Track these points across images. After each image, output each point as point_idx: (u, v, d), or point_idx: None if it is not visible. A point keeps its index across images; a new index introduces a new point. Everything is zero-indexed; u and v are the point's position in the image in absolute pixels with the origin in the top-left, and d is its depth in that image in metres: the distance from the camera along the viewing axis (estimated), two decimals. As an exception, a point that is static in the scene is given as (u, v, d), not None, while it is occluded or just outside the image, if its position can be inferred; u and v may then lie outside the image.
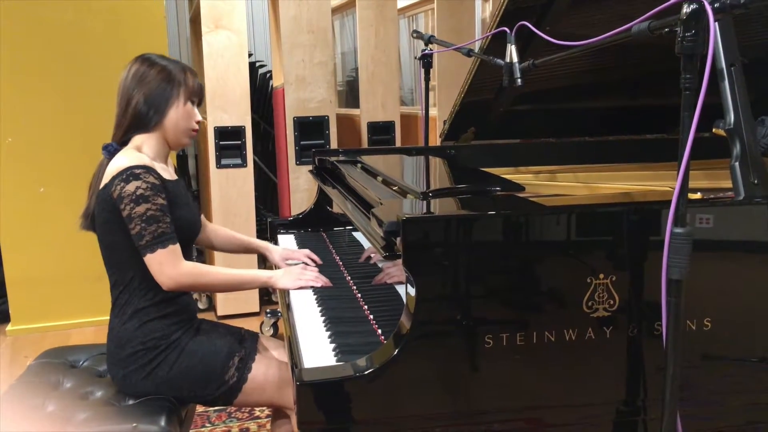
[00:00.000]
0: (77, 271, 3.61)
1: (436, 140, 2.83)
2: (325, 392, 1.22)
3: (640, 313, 1.31)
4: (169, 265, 1.60)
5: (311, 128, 3.78)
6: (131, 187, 1.58)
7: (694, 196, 1.45)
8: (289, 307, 1.68)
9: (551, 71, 2.20)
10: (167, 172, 1.75)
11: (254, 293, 3.80)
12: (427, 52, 2.65)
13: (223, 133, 3.63)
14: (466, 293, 1.26)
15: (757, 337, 1.40)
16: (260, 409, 2.67)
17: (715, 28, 1.08)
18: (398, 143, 4.07)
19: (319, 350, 1.39)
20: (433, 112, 3.88)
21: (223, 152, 3.65)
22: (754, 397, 1.43)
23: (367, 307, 1.62)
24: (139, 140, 1.71)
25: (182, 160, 4.85)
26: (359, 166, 2.21)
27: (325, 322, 1.54)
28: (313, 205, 2.51)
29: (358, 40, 4.00)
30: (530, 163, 2.38)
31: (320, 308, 1.63)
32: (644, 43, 1.14)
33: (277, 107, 3.96)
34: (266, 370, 1.69)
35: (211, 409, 2.67)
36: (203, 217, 1.99)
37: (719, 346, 1.37)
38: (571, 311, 1.28)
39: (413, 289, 1.24)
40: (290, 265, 1.96)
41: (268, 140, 4.76)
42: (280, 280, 1.76)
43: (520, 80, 1.77)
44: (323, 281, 1.77)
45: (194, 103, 1.76)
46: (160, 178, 1.64)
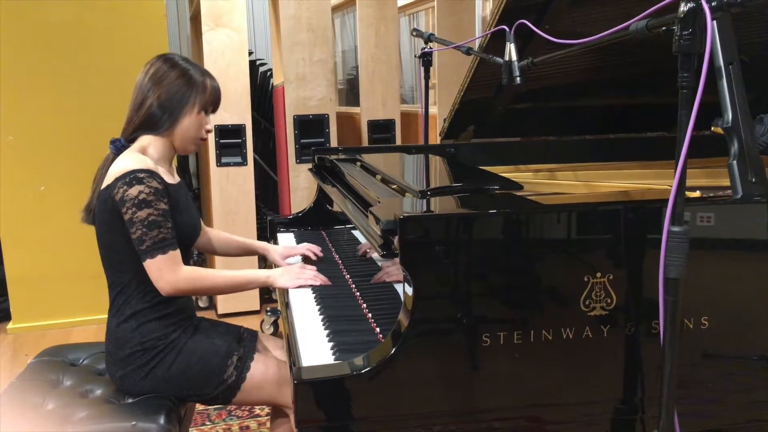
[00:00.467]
0: (78, 269, 3.61)
1: (435, 138, 2.83)
2: (323, 390, 1.22)
3: (637, 311, 1.31)
4: (168, 271, 1.59)
5: (311, 126, 3.78)
6: (134, 191, 1.57)
7: (692, 194, 1.46)
8: (287, 305, 1.68)
9: (551, 69, 2.20)
10: (170, 174, 1.74)
11: (254, 292, 3.80)
12: (427, 50, 2.65)
13: (223, 131, 3.64)
14: (463, 292, 1.26)
15: (755, 335, 1.40)
16: (260, 407, 2.68)
17: (712, 26, 1.08)
18: (398, 141, 4.08)
19: (317, 348, 1.39)
20: (433, 110, 3.89)
21: (223, 150, 3.65)
22: (753, 395, 1.43)
23: (365, 305, 1.62)
24: (146, 140, 1.70)
25: (183, 158, 4.85)
26: (359, 164, 2.21)
27: (323, 320, 1.54)
28: (312, 203, 2.51)
29: (358, 38, 4.00)
30: (529, 161, 2.39)
31: (319, 307, 1.63)
32: (644, 41, 1.13)
33: (277, 105, 3.96)
34: (265, 369, 1.69)
35: (211, 407, 2.68)
36: (202, 222, 1.99)
37: (717, 344, 1.37)
38: (568, 310, 1.28)
39: (411, 287, 1.24)
40: (290, 263, 1.96)
41: (268, 138, 4.76)
42: (278, 279, 1.76)
43: (519, 78, 1.77)
44: (322, 280, 1.77)
45: (208, 112, 1.74)
46: (163, 182, 1.63)
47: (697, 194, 1.47)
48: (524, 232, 1.29)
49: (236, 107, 3.65)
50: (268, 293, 4.00)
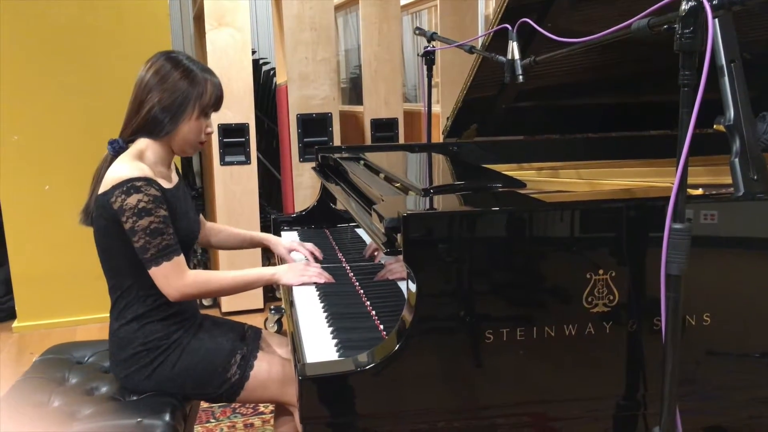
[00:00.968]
0: (83, 268, 3.62)
1: (438, 137, 2.83)
2: (327, 387, 1.23)
3: (639, 308, 1.31)
4: (174, 277, 1.59)
5: (314, 125, 3.79)
6: (133, 200, 1.55)
7: (695, 192, 1.46)
8: (292, 303, 1.69)
9: (553, 68, 2.20)
10: (168, 178, 1.72)
11: (258, 290, 3.81)
12: (429, 49, 2.65)
13: (226, 130, 3.65)
14: (466, 289, 1.27)
15: (756, 332, 1.40)
16: (264, 405, 2.69)
17: (714, 24, 1.09)
18: (401, 140, 4.08)
19: (321, 346, 1.40)
20: (435, 108, 3.89)
21: (226, 149, 3.66)
22: (755, 392, 1.44)
23: (369, 303, 1.63)
24: (143, 144, 1.68)
25: (186, 157, 4.87)
26: (362, 163, 2.22)
27: (327, 318, 1.55)
28: (316, 201, 2.52)
29: (361, 37, 4.01)
30: (532, 159, 2.39)
31: (323, 304, 1.64)
32: (646, 38, 1.14)
33: (280, 104, 3.97)
34: (269, 367, 1.70)
35: (215, 404, 2.69)
36: (202, 216, 1.99)
37: (718, 341, 1.37)
38: (570, 307, 1.29)
39: (414, 284, 1.25)
40: (295, 258, 1.97)
41: (271, 137, 4.78)
42: (283, 276, 1.77)
43: (521, 77, 1.77)
44: (326, 277, 1.77)
45: (209, 114, 1.72)
46: (161, 189, 1.61)
47: (699, 192, 1.48)
48: (527, 229, 1.30)
49: (239, 106, 3.66)
50: (271, 291, 4.02)
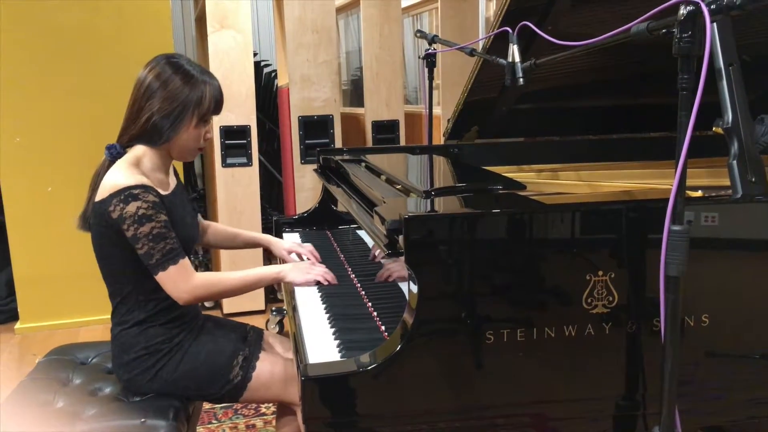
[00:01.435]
0: (85, 269, 3.60)
1: (439, 139, 2.85)
2: (330, 387, 1.24)
3: (638, 309, 1.32)
4: (182, 280, 1.60)
5: (316, 127, 3.80)
6: (132, 207, 1.55)
7: (694, 194, 1.47)
8: (294, 304, 1.70)
9: (554, 70, 2.21)
10: (165, 185, 1.72)
11: (260, 291, 3.83)
12: (430, 51, 2.66)
13: (228, 132, 3.66)
14: (467, 290, 1.28)
15: (755, 333, 1.41)
16: (266, 405, 2.70)
17: (712, 28, 1.10)
18: (402, 142, 4.10)
19: (324, 346, 1.42)
20: (436, 110, 3.91)
21: (228, 151, 3.68)
22: (754, 392, 1.44)
23: (370, 304, 1.64)
24: (141, 150, 1.67)
25: (188, 159, 4.88)
26: (363, 165, 2.23)
27: (329, 318, 1.56)
28: (318, 203, 2.53)
29: (362, 39, 4.02)
30: (533, 161, 2.40)
31: (325, 305, 1.65)
32: (646, 41, 1.15)
33: (282, 106, 3.99)
34: (271, 367, 1.71)
35: (217, 406, 2.70)
36: (200, 217, 1.99)
37: (718, 342, 1.38)
38: (570, 308, 1.30)
39: (415, 286, 1.26)
40: (296, 259, 1.98)
41: (272, 139, 4.79)
42: (288, 274, 1.78)
43: (522, 80, 1.78)
44: (331, 277, 1.79)
45: (209, 120, 1.70)
46: (158, 195, 1.61)
47: (698, 194, 1.49)
48: (527, 231, 1.31)
49: (241, 108, 3.67)
50: (273, 293, 4.03)
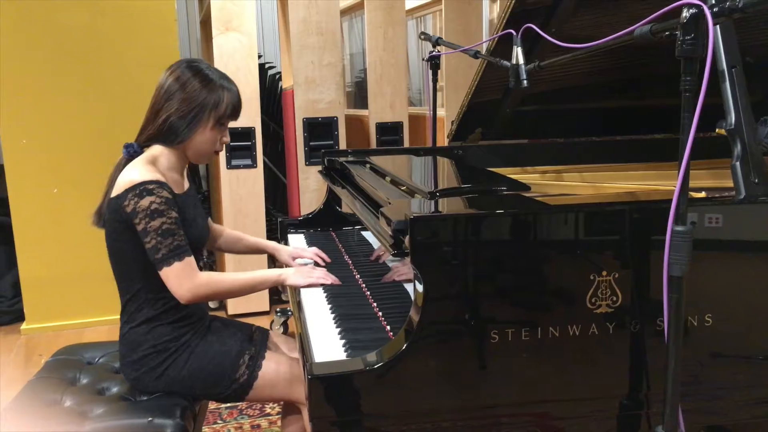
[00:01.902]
0: (91, 270, 3.66)
1: (443, 141, 2.86)
2: (336, 386, 1.25)
3: (642, 309, 1.33)
4: (186, 278, 1.61)
5: (320, 129, 3.81)
6: (145, 202, 1.58)
7: (697, 195, 1.48)
8: (300, 305, 1.72)
9: (558, 72, 2.22)
10: (180, 185, 1.75)
11: (264, 293, 3.84)
12: (434, 53, 2.68)
13: (233, 134, 3.67)
14: (472, 289, 1.29)
15: (758, 333, 1.42)
16: (271, 406, 2.71)
17: (715, 31, 1.11)
18: (406, 144, 4.11)
19: (329, 346, 1.43)
20: (440, 112, 3.92)
21: (233, 153, 3.69)
22: (757, 392, 1.45)
23: (375, 304, 1.65)
24: (158, 150, 1.71)
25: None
26: (368, 166, 2.24)
27: (335, 318, 1.58)
28: (322, 204, 2.54)
29: (366, 41, 4.04)
30: (537, 163, 2.41)
31: (330, 305, 1.66)
32: (650, 44, 1.16)
33: (286, 108, 4.00)
34: (277, 366, 1.72)
35: (222, 406, 2.72)
36: (210, 220, 2.01)
37: (720, 342, 1.39)
38: (575, 307, 1.31)
39: (421, 285, 1.27)
40: (300, 264, 2.00)
41: (276, 141, 4.80)
42: (290, 277, 1.79)
43: (526, 82, 1.80)
44: (332, 279, 1.80)
45: (224, 125, 1.73)
46: (172, 192, 1.64)
47: (701, 195, 1.50)
48: (532, 231, 1.32)
49: (246, 110, 3.62)
50: (277, 294, 4.04)
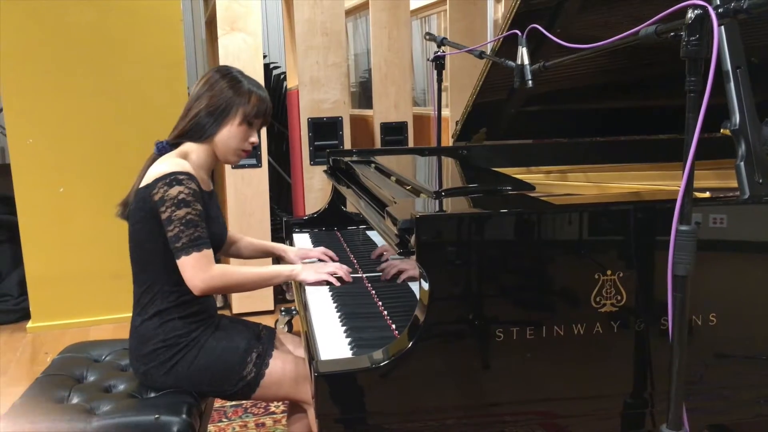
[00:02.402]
0: (96, 269, 3.68)
1: (448, 140, 2.87)
2: (342, 383, 1.26)
3: (646, 308, 1.34)
4: (201, 269, 1.64)
5: (325, 129, 3.83)
6: (174, 191, 1.62)
7: (702, 195, 1.49)
8: (305, 304, 1.73)
9: (562, 72, 2.23)
10: (206, 183, 1.80)
11: (269, 292, 3.85)
12: (439, 53, 2.69)
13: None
14: (477, 288, 1.30)
15: (762, 332, 1.42)
16: (275, 404, 2.72)
17: (720, 32, 1.11)
18: (411, 143, 4.12)
19: (335, 344, 1.44)
20: (445, 112, 3.92)
21: (238, 153, 3.70)
22: (761, 391, 1.46)
23: (381, 303, 1.66)
24: (188, 147, 1.76)
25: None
26: (373, 166, 2.25)
27: (340, 317, 1.59)
28: (327, 204, 2.55)
29: (371, 41, 4.05)
30: (541, 163, 2.42)
31: (336, 304, 1.67)
32: (655, 44, 1.16)
33: (291, 108, 4.01)
34: (283, 365, 1.73)
35: (227, 404, 2.73)
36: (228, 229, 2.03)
37: (725, 341, 1.40)
38: (579, 307, 1.32)
39: (427, 284, 1.28)
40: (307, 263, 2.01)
41: (281, 140, 4.82)
42: (301, 273, 1.81)
43: (531, 82, 1.80)
44: (344, 272, 1.80)
45: (253, 124, 1.77)
46: (199, 187, 1.69)
47: (706, 195, 1.50)
48: (537, 231, 1.33)
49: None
50: (282, 293, 4.05)
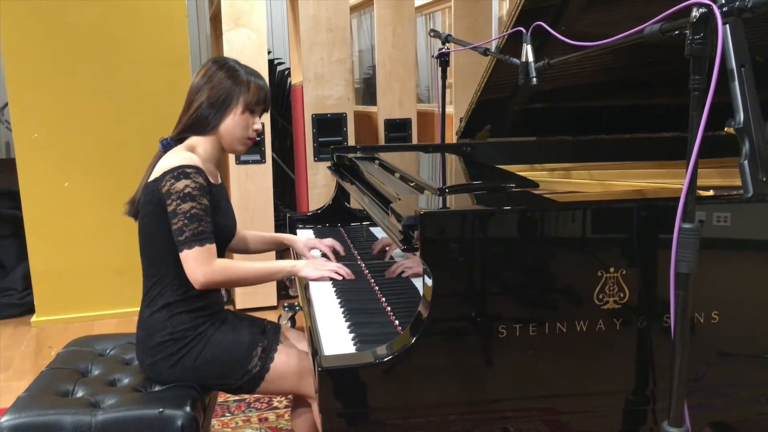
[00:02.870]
0: (101, 263, 3.69)
1: (452, 137, 2.87)
2: (345, 378, 1.27)
3: (649, 305, 1.34)
4: (203, 263, 1.65)
5: (329, 125, 3.83)
6: (180, 185, 1.64)
7: (706, 193, 1.49)
8: (309, 299, 1.73)
9: (567, 70, 2.23)
10: (214, 176, 1.81)
11: (272, 287, 3.87)
12: (444, 50, 2.68)
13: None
14: (481, 285, 1.31)
15: (764, 331, 1.43)
16: (278, 399, 2.73)
17: (724, 30, 1.11)
18: (415, 140, 4.12)
19: (339, 339, 1.44)
20: (449, 109, 3.93)
21: (242, 148, 3.71)
22: (762, 389, 1.46)
23: (384, 299, 1.67)
24: (194, 141, 1.78)
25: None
26: (377, 162, 2.26)
27: (344, 313, 1.59)
28: (331, 200, 2.56)
29: (375, 38, 4.05)
30: (545, 160, 2.42)
31: (339, 300, 1.68)
32: (660, 42, 1.17)
33: (295, 104, 4.02)
34: (287, 359, 1.74)
35: (231, 398, 2.74)
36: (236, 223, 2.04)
37: (727, 339, 1.40)
38: (582, 304, 1.32)
39: (430, 280, 1.28)
40: (314, 255, 2.02)
41: (285, 137, 4.83)
42: (302, 269, 1.82)
43: (535, 79, 1.80)
44: (345, 272, 1.81)
45: (255, 112, 1.79)
46: (207, 180, 1.70)
47: (710, 193, 1.51)
48: (540, 228, 1.33)
49: (255, 106, 3.70)
50: (285, 289, 4.07)
